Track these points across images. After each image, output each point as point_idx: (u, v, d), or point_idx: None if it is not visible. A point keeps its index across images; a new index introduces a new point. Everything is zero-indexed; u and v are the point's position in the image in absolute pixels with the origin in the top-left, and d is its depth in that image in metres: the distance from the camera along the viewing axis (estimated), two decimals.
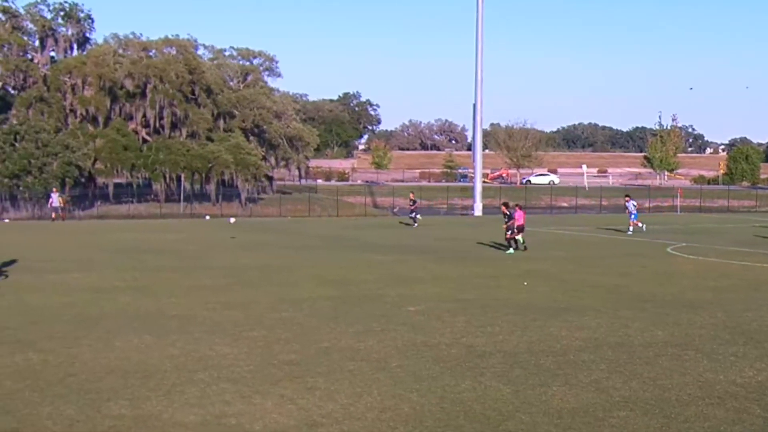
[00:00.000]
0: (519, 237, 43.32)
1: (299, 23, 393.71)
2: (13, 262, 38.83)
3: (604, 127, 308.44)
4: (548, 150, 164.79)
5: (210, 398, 15.04)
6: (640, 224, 57.62)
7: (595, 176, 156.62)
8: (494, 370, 17.13)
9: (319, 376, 16.63)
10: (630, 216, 58.23)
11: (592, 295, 27.99)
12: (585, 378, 16.61)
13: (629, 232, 56.98)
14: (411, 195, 69.50)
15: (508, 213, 43.62)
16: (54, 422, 13.64)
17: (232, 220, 66.75)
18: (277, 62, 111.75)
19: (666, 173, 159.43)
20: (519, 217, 43.40)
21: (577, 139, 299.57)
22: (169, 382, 16.12)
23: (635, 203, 59.48)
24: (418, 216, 65.72)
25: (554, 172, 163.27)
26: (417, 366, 17.50)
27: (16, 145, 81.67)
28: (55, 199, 72.94)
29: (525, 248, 42.72)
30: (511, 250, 42.69)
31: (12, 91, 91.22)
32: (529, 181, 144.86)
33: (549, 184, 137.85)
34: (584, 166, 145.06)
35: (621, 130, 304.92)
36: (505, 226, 43.51)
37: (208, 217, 77.74)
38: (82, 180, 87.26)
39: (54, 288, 29.09)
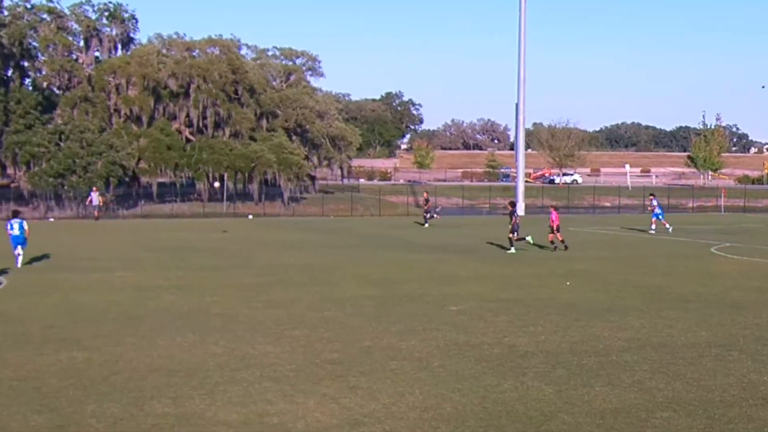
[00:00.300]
0: (558, 236, 43.25)
1: (342, 23, 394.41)
2: (45, 257, 39.24)
3: (647, 127, 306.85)
4: (591, 149, 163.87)
5: (252, 397, 15.09)
6: (667, 225, 57.13)
7: (638, 176, 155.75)
8: (536, 370, 17.10)
9: (362, 375, 16.65)
10: (653, 215, 57.75)
11: (635, 295, 27.87)
12: (628, 378, 16.55)
13: (652, 231, 56.59)
14: (425, 194, 69.33)
15: (511, 212, 43.59)
16: (98, 420, 13.74)
17: (250, 216, 66.64)
18: (319, 62, 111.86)
19: (710, 173, 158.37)
20: (554, 218, 43.30)
21: (620, 139, 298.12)
22: (211, 380, 16.19)
23: (658, 202, 58.98)
24: (435, 215, 65.15)
25: (597, 171, 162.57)
26: (459, 365, 17.48)
27: (61, 144, 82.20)
28: (95, 198, 73.27)
29: (566, 248, 42.54)
30: (513, 250, 42.51)
31: (57, 91, 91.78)
32: (552, 180, 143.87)
33: (572, 183, 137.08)
34: (627, 166, 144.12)
35: (664, 129, 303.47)
36: (510, 225, 43.26)
37: (251, 216, 77.98)
38: (126, 179, 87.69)
39: (99, 287, 29.29)
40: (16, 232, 37.42)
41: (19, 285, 29.49)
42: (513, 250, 42.44)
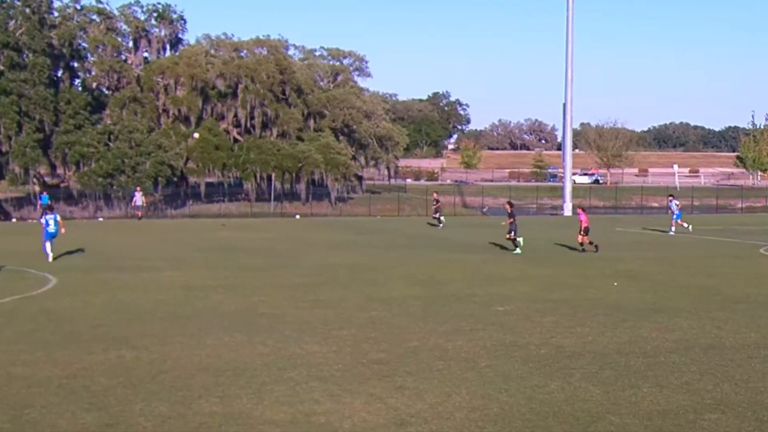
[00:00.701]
0: (586, 239, 42.66)
1: (389, 23, 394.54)
2: (79, 250, 39.61)
3: (696, 127, 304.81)
4: (639, 150, 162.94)
5: (299, 396, 15.14)
6: (686, 225, 56.65)
7: (686, 176, 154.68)
8: (584, 371, 17.04)
9: (408, 375, 16.66)
10: (673, 216, 57.34)
11: (683, 296, 27.70)
12: (676, 380, 16.46)
13: (671, 233, 56.11)
14: (435, 194, 69.08)
15: (510, 212, 43.37)
16: (146, 419, 13.83)
17: (297, 216, 66.62)
18: (367, 62, 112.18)
19: (759, 173, 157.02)
20: (583, 219, 42.90)
21: (669, 139, 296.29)
22: (259, 380, 16.25)
23: (678, 203, 58.46)
24: (442, 217, 64.72)
25: (645, 172, 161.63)
26: (506, 366, 17.46)
27: (110, 144, 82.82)
28: (138, 198, 73.53)
29: (596, 248, 41.86)
30: (519, 251, 42.23)
31: (106, 92, 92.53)
32: (574, 180, 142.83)
33: (593, 183, 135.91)
34: (675, 166, 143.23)
35: (713, 129, 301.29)
36: (507, 224, 43.06)
37: (298, 216, 78.18)
38: (175, 179, 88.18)
39: (147, 286, 29.46)
40: (52, 228, 38.87)
41: (68, 284, 29.72)
42: (518, 250, 42.24)
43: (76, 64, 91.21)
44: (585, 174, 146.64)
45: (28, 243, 46.41)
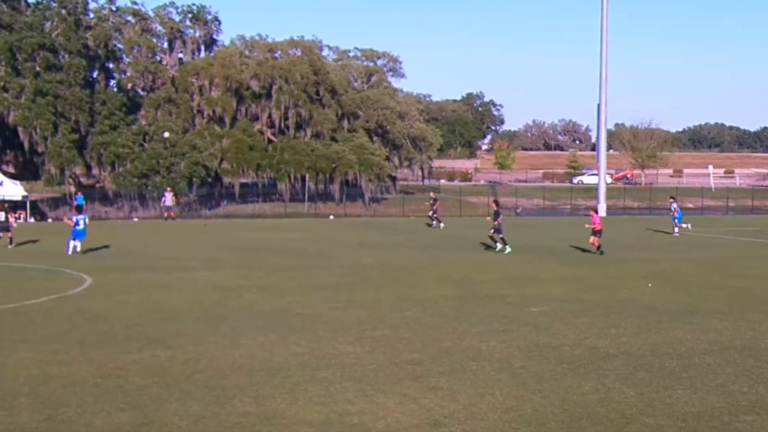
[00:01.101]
0: (596, 241, 42.07)
1: (423, 24, 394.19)
2: (106, 246, 39.84)
3: (731, 127, 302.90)
4: (673, 150, 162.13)
5: (333, 396, 15.18)
6: (685, 225, 56.52)
7: (721, 177, 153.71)
8: (618, 373, 17.01)
9: (442, 375, 16.68)
10: (674, 218, 57.23)
11: (717, 297, 27.59)
12: (710, 381, 16.41)
13: (675, 233, 55.85)
14: (432, 193, 68.74)
15: (495, 211, 43.95)
16: (180, 418, 13.90)
17: (331, 216, 66.59)
18: (400, 63, 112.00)
19: None
20: (595, 221, 42.52)
21: (704, 140, 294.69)
22: (293, 380, 16.30)
23: (677, 205, 58.32)
24: (440, 224, 63.58)
25: (679, 172, 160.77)
26: (540, 367, 17.45)
27: (145, 145, 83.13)
28: (168, 199, 73.51)
29: (601, 253, 41.23)
30: (504, 248, 42.61)
31: (141, 93, 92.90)
32: (581, 180, 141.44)
33: (577, 184, 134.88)
34: (710, 167, 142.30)
35: (749, 130, 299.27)
36: (494, 222, 43.05)
37: (331, 217, 78.23)
38: (209, 180, 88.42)
39: (182, 286, 29.60)
40: (81, 226, 41.86)
41: (103, 284, 29.88)
42: (503, 247, 42.47)
43: (111, 65, 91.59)
44: (593, 174, 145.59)
45: (64, 243, 46.68)
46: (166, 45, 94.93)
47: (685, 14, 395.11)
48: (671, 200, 59.96)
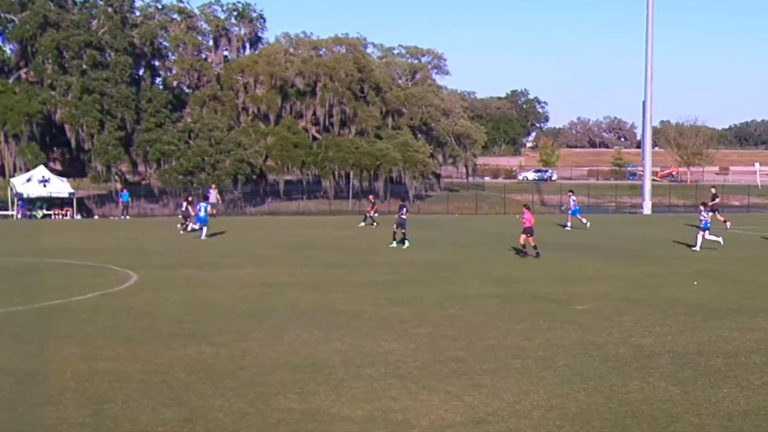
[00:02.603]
0: (528, 240, 39.55)
1: (468, 21, 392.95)
2: (221, 233, 39.92)
3: None
4: (719, 148, 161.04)
5: (377, 393, 15.20)
6: (584, 220, 56.44)
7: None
8: (663, 371, 16.93)
9: (486, 373, 16.66)
10: (569, 212, 57.82)
11: (764, 296, 27.40)
12: (757, 380, 16.31)
13: (567, 228, 56.51)
14: (371, 197, 68.26)
15: (402, 205, 45.65)
16: (225, 414, 13.97)
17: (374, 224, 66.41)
18: (445, 60, 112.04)
19: None
20: (527, 219, 39.90)
21: (750, 137, 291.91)
22: (337, 376, 16.34)
23: (575, 198, 58.22)
24: (374, 217, 63.08)
25: (725, 170, 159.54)
26: (584, 365, 17.40)
27: (191, 142, 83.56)
28: (213, 196, 73.60)
29: (537, 254, 38.85)
30: (394, 244, 43.49)
31: (187, 90, 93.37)
32: (526, 177, 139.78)
33: (546, 180, 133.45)
34: (756, 164, 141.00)
35: None
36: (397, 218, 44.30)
37: (376, 214, 78.19)
38: (254, 177, 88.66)
39: (226, 283, 29.72)
40: (202, 213, 48.86)
41: (148, 281, 30.06)
42: (394, 244, 43.68)
43: (157, 63, 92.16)
44: (539, 171, 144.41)
45: (110, 240, 47.03)
46: (211, 43, 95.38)
47: (731, 9, 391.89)
48: (570, 193, 60.08)
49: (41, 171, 73.97)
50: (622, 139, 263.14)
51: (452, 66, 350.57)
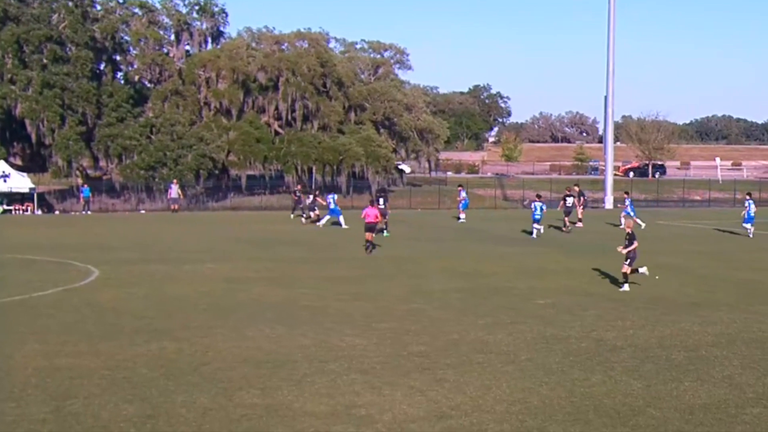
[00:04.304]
0: (369, 236, 39.11)
1: (430, 16, 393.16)
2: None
3: (738, 120, 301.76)
4: (681, 142, 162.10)
5: (340, 389, 15.21)
6: (461, 217, 58.23)
7: (729, 169, 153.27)
8: (625, 365, 17.03)
9: (448, 368, 16.70)
10: (460, 205, 61.65)
11: (725, 290, 27.59)
12: (717, 374, 16.43)
13: (461, 220, 59.80)
14: (299, 186, 68.90)
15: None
16: (188, 410, 13.94)
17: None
18: (407, 55, 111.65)
19: None
20: (369, 215, 39.50)
21: (711, 132, 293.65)
22: (300, 372, 16.34)
23: (466, 194, 60.15)
24: (309, 210, 63.57)
25: (687, 164, 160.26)
26: (546, 359, 17.47)
27: (152, 137, 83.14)
28: (174, 191, 73.22)
29: (371, 249, 38.73)
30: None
31: (148, 85, 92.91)
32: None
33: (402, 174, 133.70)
34: (718, 159, 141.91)
35: (756, 122, 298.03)
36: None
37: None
38: (216, 172, 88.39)
39: (189, 278, 29.63)
40: (332, 205, 52.80)
41: (110, 276, 29.93)
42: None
43: (118, 58, 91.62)
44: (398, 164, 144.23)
45: (72, 235, 46.77)
46: (173, 37, 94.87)
47: (692, 6, 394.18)
48: (459, 188, 63.22)
49: (1, 166, 73.33)
50: (584, 134, 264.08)
51: (415, 61, 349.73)
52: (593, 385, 15.51)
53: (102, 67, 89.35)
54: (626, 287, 27.17)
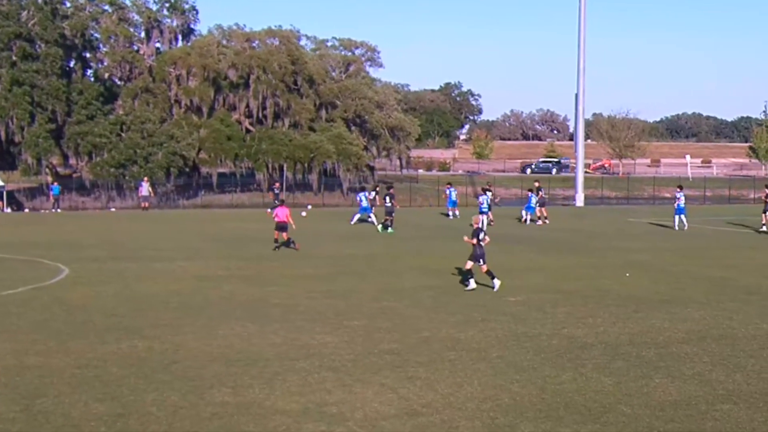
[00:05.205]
0: (283, 236, 38.64)
1: (401, 13, 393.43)
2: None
3: (708, 117, 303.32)
4: (651, 140, 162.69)
5: (311, 386, 15.18)
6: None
7: (699, 167, 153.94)
8: (595, 362, 17.07)
9: (420, 365, 16.70)
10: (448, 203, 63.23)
11: (695, 286, 27.69)
12: (688, 370, 16.48)
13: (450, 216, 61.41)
14: (276, 184, 68.95)
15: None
16: (158, 408, 13.89)
17: (304, 213, 66.70)
18: (379, 52, 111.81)
19: None
20: (279, 215, 38.92)
21: (681, 130, 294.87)
22: (271, 370, 16.30)
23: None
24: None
25: (657, 162, 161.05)
26: (517, 356, 17.49)
27: (123, 135, 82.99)
28: (145, 188, 73.09)
29: (277, 248, 38.25)
30: (388, 230, 47.77)
31: (119, 82, 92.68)
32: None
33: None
34: (688, 157, 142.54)
35: (726, 120, 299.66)
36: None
37: (309, 207, 78.06)
38: (187, 170, 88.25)
39: (160, 276, 29.53)
40: (365, 203, 53.83)
41: (80, 274, 29.80)
42: (388, 229, 47.75)
43: (88, 55, 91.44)
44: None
45: (41, 233, 46.55)
46: (143, 34, 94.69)
47: (664, 4, 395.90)
48: (448, 186, 65.33)
49: None
50: (555, 132, 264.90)
51: (386, 58, 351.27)
52: (564, 382, 15.54)
53: (72, 64, 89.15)
54: (472, 284, 26.67)
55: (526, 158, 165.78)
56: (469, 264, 27.12)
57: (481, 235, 27.47)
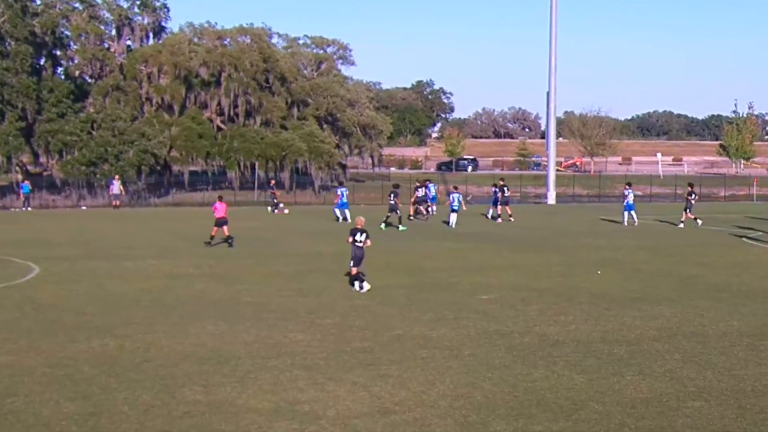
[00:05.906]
0: (224, 231, 39.40)
1: (373, 11, 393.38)
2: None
3: (679, 115, 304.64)
4: (622, 138, 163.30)
5: (283, 385, 15.17)
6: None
7: (669, 165, 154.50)
8: (567, 359, 17.11)
9: (392, 363, 16.70)
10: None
11: (666, 284, 27.80)
12: (659, 368, 16.55)
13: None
14: (272, 182, 69.54)
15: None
16: (130, 407, 13.84)
17: (286, 210, 66.65)
18: (350, 50, 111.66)
19: (742, 162, 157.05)
20: (218, 210, 39.62)
21: (652, 128, 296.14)
22: (243, 368, 16.28)
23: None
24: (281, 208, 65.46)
25: (628, 160, 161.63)
26: (490, 354, 17.52)
27: (93, 133, 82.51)
28: (116, 187, 72.78)
29: (208, 243, 39.11)
30: (400, 227, 47.34)
31: (89, 80, 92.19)
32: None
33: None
34: (659, 155, 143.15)
35: (696, 118, 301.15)
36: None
37: (281, 205, 77.90)
38: (158, 168, 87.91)
39: (131, 275, 29.44)
40: (345, 199, 54.89)
41: (51, 273, 29.68)
42: (401, 227, 44.37)
43: (58, 53, 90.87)
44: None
45: (11, 231, 46.32)
46: (114, 32, 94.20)
47: (635, 2, 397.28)
48: (427, 182, 64.82)
49: None
50: (527, 130, 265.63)
51: (358, 56, 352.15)
52: (536, 380, 15.57)
53: (42, 62, 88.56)
54: (366, 285, 26.39)
55: (498, 156, 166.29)
56: (354, 269, 26.99)
57: (360, 237, 27.19)
